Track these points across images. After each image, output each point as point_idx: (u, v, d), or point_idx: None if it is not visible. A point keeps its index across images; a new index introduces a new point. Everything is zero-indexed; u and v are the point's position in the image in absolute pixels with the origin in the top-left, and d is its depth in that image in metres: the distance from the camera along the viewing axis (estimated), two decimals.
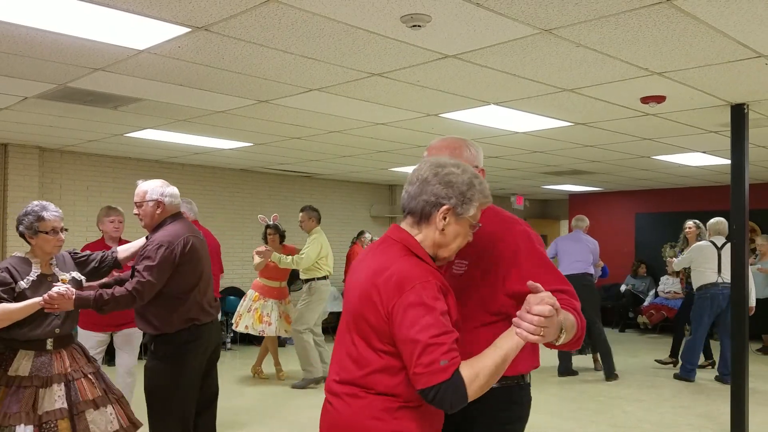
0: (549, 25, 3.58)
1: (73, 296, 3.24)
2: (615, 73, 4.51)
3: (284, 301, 7.37)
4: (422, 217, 1.88)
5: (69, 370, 3.31)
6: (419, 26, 3.56)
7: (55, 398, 3.20)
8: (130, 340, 5.10)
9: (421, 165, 1.94)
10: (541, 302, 1.68)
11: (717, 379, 7.48)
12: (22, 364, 3.22)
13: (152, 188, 3.74)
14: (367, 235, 10.90)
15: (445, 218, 1.86)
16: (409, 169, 9.66)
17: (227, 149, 8.13)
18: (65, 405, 3.21)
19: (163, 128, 6.79)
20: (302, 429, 5.64)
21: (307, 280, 7.13)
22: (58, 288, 3.19)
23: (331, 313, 10.92)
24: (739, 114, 5.41)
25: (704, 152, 8.05)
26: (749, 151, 5.46)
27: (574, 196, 13.75)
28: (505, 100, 5.36)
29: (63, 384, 3.25)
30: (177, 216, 3.81)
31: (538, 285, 1.74)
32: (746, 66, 4.33)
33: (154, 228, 3.75)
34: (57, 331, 3.34)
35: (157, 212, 3.73)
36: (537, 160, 8.93)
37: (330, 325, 10.97)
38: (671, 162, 8.86)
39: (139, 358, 5.21)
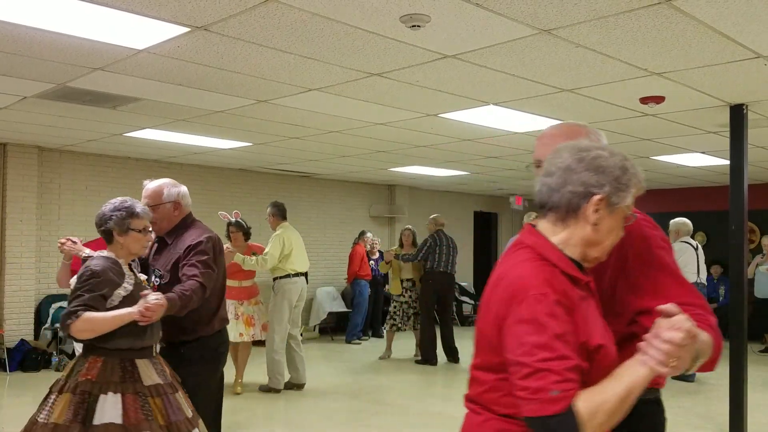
0: (548, 25, 3.58)
1: (166, 303, 2.94)
2: (614, 73, 4.51)
3: (247, 301, 6.79)
4: (568, 211, 1.59)
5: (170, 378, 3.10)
6: (418, 26, 3.56)
7: (185, 404, 3.00)
8: None
9: (557, 152, 1.64)
10: (673, 327, 1.40)
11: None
12: (150, 374, 2.93)
13: (168, 188, 3.53)
14: (369, 235, 10.89)
15: (597, 210, 1.57)
16: (408, 169, 9.64)
17: (226, 149, 8.13)
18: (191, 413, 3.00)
19: (162, 128, 6.79)
20: (301, 430, 5.63)
21: (273, 279, 6.89)
22: (155, 298, 2.89)
23: (330, 314, 10.93)
24: (738, 114, 5.41)
25: (703, 153, 8.05)
26: (748, 151, 5.47)
27: None
28: (504, 100, 5.36)
29: (180, 391, 3.04)
30: (191, 216, 3.62)
31: (672, 306, 1.45)
32: (745, 66, 4.33)
33: (169, 231, 3.52)
34: (160, 334, 3.11)
35: (175, 214, 3.52)
36: None
37: (329, 326, 10.99)
38: (670, 162, 8.86)
39: None
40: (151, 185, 3.57)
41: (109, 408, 2.75)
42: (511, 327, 1.50)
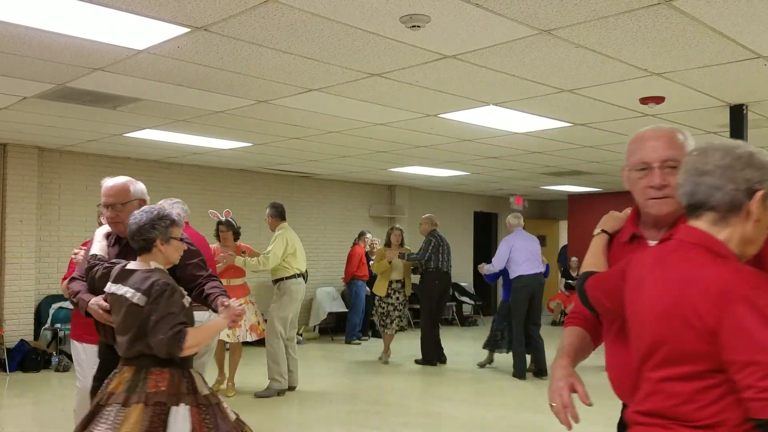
0: (548, 25, 3.58)
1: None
2: (614, 73, 4.51)
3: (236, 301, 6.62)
4: (731, 209, 1.59)
5: None
6: (418, 27, 3.56)
7: (229, 411, 2.99)
8: None
9: (706, 152, 1.64)
10: None
11: None
12: (201, 384, 2.93)
13: (133, 185, 3.36)
14: (369, 236, 10.88)
15: (759, 206, 1.58)
16: (408, 170, 9.60)
17: (226, 149, 8.13)
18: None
19: (162, 128, 6.79)
20: (301, 430, 5.64)
21: (276, 281, 6.76)
22: (239, 303, 2.92)
23: (329, 314, 10.92)
24: (738, 115, 5.42)
25: None
26: None
27: (573, 197, 13.76)
28: (504, 100, 5.36)
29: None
30: None
31: None
32: (745, 67, 4.33)
33: None
34: None
35: None
36: (536, 161, 8.94)
37: (329, 326, 10.99)
38: None
39: None
40: (113, 183, 3.34)
41: (182, 420, 2.74)
42: (733, 328, 1.45)
